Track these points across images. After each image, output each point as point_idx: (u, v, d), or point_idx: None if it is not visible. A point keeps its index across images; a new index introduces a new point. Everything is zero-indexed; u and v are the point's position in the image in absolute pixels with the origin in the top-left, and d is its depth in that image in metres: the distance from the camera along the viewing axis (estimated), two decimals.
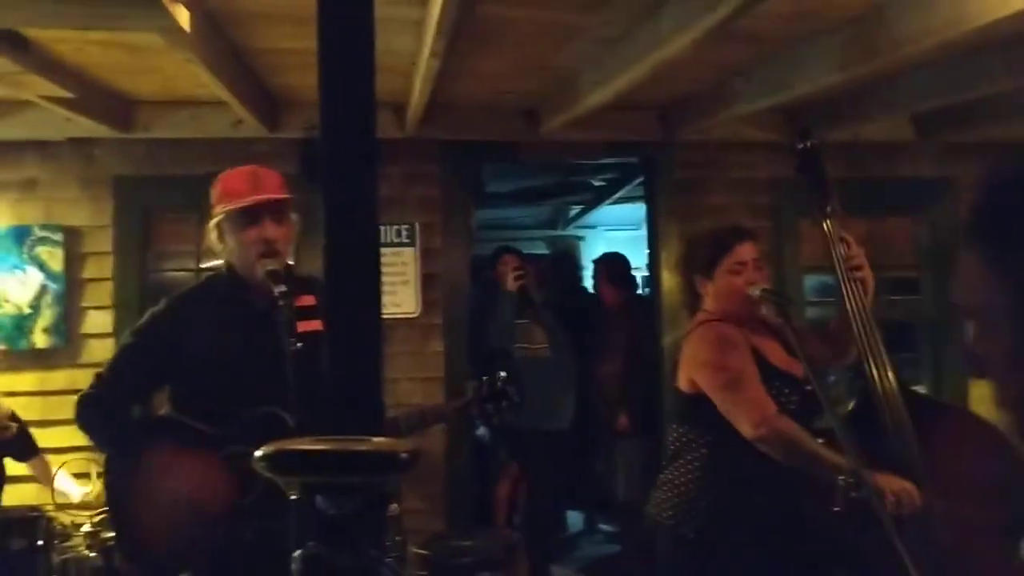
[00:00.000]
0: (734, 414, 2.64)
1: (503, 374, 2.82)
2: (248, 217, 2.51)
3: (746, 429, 2.59)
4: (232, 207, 2.52)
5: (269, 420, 2.34)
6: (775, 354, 2.82)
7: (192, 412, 2.51)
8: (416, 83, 3.56)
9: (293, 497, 2.08)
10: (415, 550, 3.76)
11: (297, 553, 0.87)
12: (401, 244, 4.76)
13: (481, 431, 5.49)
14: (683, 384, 2.83)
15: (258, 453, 0.86)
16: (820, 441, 2.53)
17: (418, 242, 4.81)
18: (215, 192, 2.59)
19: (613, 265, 5.87)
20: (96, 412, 2.52)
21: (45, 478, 3.98)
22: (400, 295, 4.75)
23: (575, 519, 6.64)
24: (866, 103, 4.31)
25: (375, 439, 0.93)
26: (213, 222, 2.58)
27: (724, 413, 2.66)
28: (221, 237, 2.58)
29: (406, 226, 4.79)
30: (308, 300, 2.35)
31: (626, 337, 5.48)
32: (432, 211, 4.85)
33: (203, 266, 4.66)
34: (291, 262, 2.62)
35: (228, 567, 2.43)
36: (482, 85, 4.14)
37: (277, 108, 4.50)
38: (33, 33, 3.06)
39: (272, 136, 4.52)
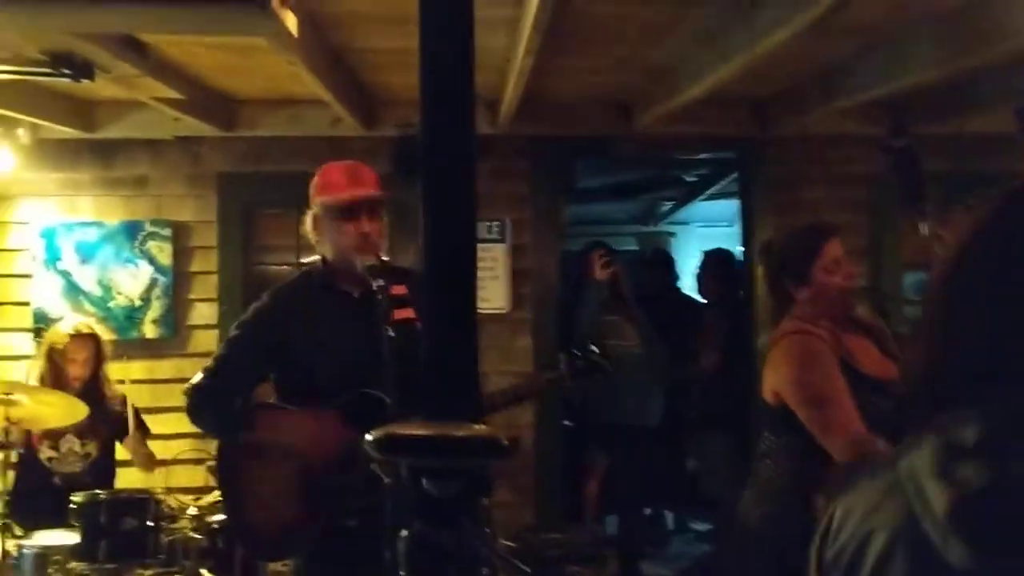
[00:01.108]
0: (820, 433, 2.60)
1: (594, 347, 2.82)
2: (346, 212, 2.60)
3: (834, 451, 2.55)
4: (331, 200, 2.61)
5: (370, 402, 2.42)
6: (867, 357, 2.75)
7: (296, 399, 2.61)
8: (509, 80, 3.60)
9: (387, 482, 2.12)
10: (503, 543, 3.80)
11: (403, 533, 0.91)
12: (491, 240, 4.81)
13: (568, 422, 5.50)
14: (768, 396, 2.79)
15: (368, 437, 0.90)
16: None
17: (508, 238, 4.86)
18: (315, 184, 2.68)
19: (718, 261, 5.82)
20: (206, 401, 2.65)
21: (136, 455, 4.12)
22: (489, 291, 4.81)
23: (666, 517, 6.60)
24: (971, 95, 4.17)
25: (477, 426, 0.96)
26: (311, 213, 2.67)
27: (811, 431, 2.63)
28: (317, 228, 2.67)
29: (496, 222, 4.84)
30: (400, 290, 2.42)
31: (721, 334, 5.44)
32: (522, 207, 4.89)
33: (303, 260, 4.80)
34: (385, 257, 2.70)
35: (331, 551, 2.52)
36: (575, 81, 4.16)
37: (373, 106, 4.60)
38: (148, 37, 3.21)
39: (368, 134, 4.63)
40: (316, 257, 2.79)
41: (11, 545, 3.41)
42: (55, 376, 3.95)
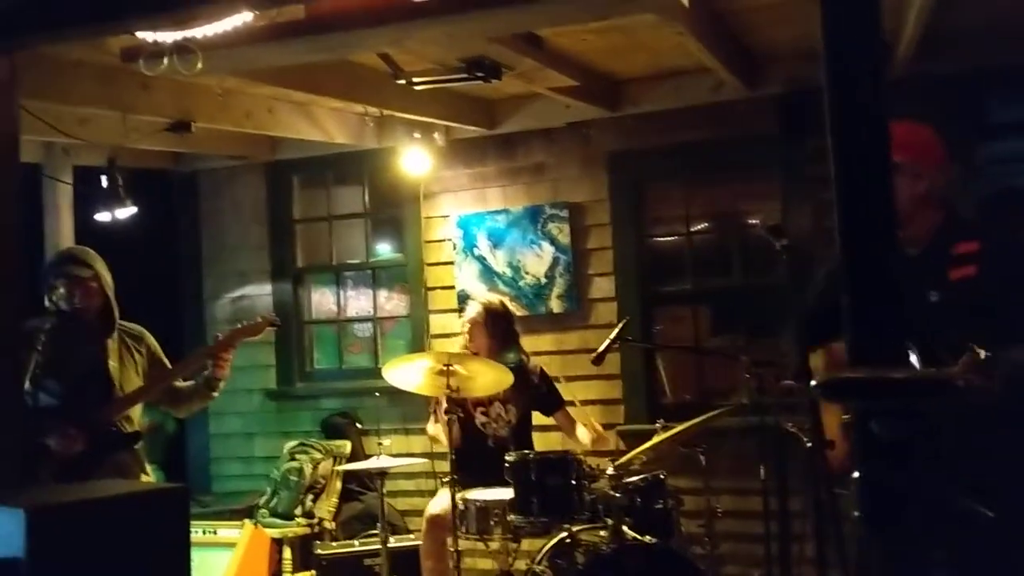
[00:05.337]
0: None
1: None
2: None
3: None
4: None
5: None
6: None
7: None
8: (909, 15, 3.33)
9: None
10: None
11: (855, 474, 0.92)
12: None
13: None
14: None
15: (813, 382, 0.92)
16: None
17: None
18: None
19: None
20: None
21: (568, 428, 4.45)
22: None
23: None
24: None
25: (921, 368, 0.94)
26: None
27: None
28: None
29: None
30: (968, 247, 2.34)
31: None
32: None
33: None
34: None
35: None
36: (982, 5, 3.74)
37: (755, 66, 4.50)
38: (543, 32, 3.45)
39: (751, 95, 4.55)
40: None
41: (458, 499, 3.86)
42: (472, 348, 4.37)
